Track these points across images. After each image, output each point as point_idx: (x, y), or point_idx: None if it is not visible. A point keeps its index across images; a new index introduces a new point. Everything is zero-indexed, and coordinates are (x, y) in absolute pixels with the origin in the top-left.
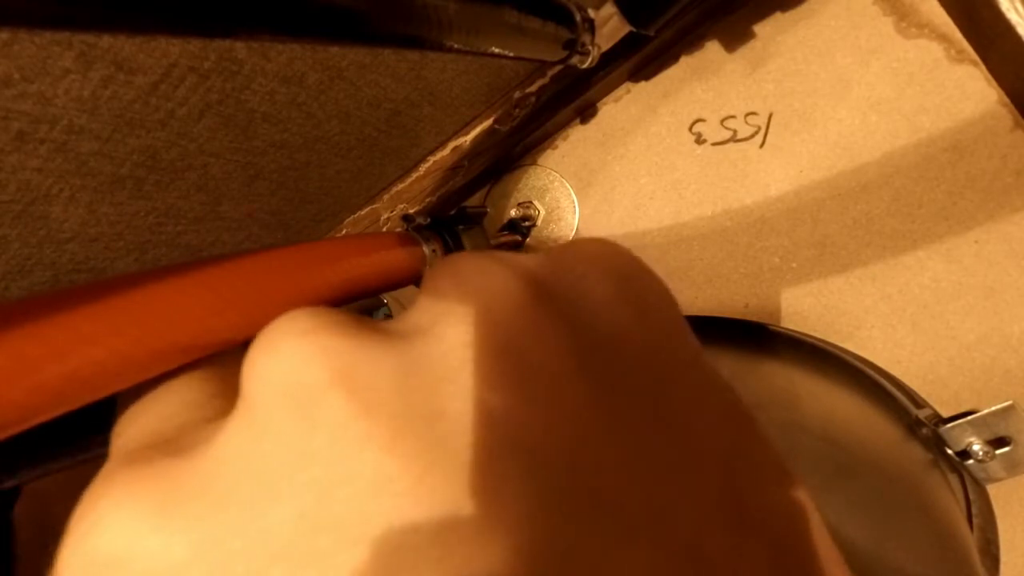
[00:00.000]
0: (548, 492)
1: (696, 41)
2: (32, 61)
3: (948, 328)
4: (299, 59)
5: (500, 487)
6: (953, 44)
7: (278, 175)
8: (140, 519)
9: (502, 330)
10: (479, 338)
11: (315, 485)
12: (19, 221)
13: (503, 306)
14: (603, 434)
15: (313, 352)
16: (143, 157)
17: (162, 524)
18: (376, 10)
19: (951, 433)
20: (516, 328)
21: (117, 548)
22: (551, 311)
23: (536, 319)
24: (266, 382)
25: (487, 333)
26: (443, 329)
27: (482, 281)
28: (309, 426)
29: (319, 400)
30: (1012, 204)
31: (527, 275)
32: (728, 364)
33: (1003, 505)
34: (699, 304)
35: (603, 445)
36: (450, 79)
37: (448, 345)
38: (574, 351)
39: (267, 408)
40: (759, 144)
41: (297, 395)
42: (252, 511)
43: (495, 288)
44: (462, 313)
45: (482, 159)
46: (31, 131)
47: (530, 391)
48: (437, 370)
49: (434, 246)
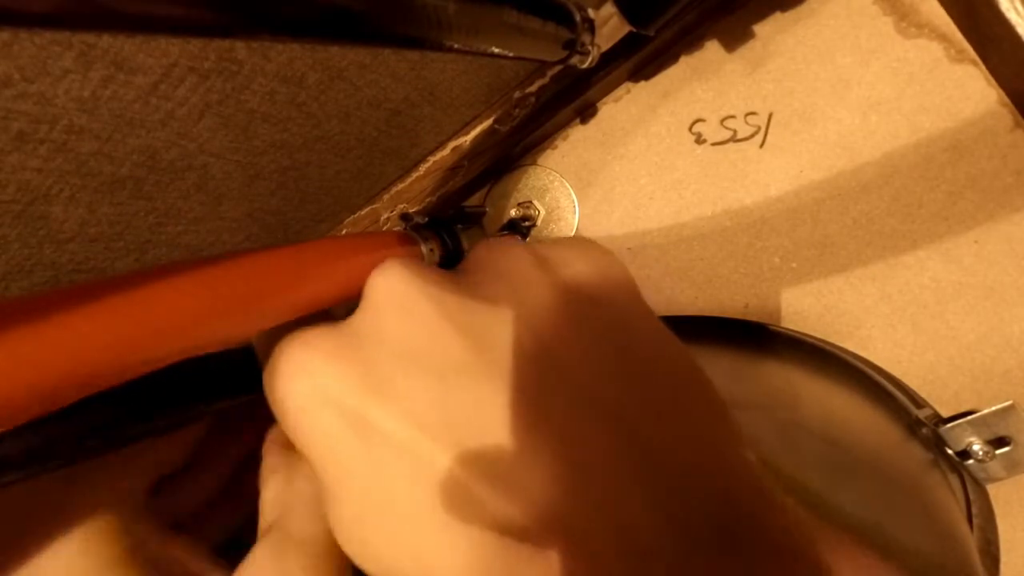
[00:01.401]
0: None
1: (696, 41)
2: (32, 61)
3: (948, 328)
4: (299, 59)
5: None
6: (953, 44)
7: (278, 175)
8: (326, 363)
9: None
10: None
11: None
12: (19, 221)
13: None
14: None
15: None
16: (143, 157)
17: (340, 366)
18: (376, 10)
19: (951, 433)
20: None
21: (315, 379)
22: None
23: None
24: (384, 292)
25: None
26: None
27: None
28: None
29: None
30: (1012, 204)
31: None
32: (728, 364)
33: (1003, 505)
34: (699, 304)
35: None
36: (450, 79)
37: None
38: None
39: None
40: (759, 144)
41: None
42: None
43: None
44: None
45: (482, 159)
46: (31, 131)
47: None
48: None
49: (432, 245)
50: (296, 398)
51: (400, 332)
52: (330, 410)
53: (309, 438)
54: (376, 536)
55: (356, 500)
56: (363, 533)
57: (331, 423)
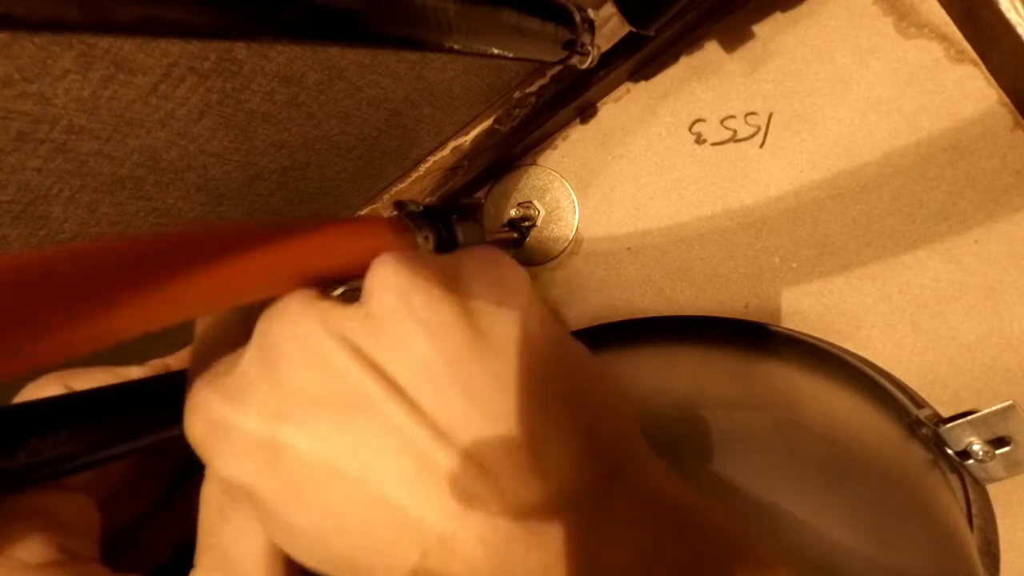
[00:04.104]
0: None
1: (696, 41)
2: (32, 61)
3: (948, 328)
4: (299, 59)
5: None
6: (953, 44)
7: (278, 175)
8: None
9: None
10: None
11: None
12: (19, 221)
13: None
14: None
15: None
16: (143, 157)
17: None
18: (376, 11)
19: (951, 433)
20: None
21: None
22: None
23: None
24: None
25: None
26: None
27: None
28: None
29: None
30: (1012, 204)
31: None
32: (728, 364)
33: (1003, 505)
34: (699, 304)
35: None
36: (450, 79)
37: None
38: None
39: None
40: (759, 144)
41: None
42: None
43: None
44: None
45: (482, 159)
46: (31, 131)
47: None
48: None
49: (427, 233)
50: (205, 438)
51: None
52: (242, 442)
53: (230, 472)
54: (333, 545)
55: (297, 521)
56: (319, 550)
57: (246, 455)
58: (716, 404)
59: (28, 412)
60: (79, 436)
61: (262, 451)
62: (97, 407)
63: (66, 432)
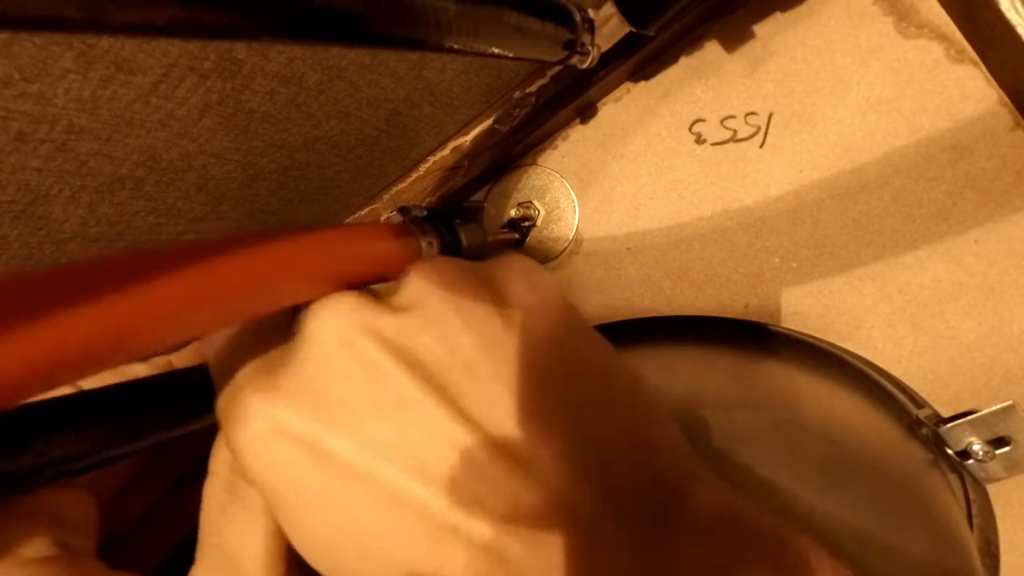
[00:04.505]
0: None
1: (696, 41)
2: (32, 61)
3: (948, 328)
4: (299, 59)
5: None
6: (953, 44)
7: (278, 175)
8: (276, 404)
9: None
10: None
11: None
12: (19, 221)
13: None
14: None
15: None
16: (143, 157)
17: (292, 405)
18: (376, 12)
19: (951, 433)
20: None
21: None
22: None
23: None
24: (327, 328)
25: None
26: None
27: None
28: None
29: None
30: (1012, 204)
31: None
32: (728, 364)
33: (1003, 505)
34: (699, 304)
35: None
36: (450, 79)
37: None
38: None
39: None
40: (759, 144)
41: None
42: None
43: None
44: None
45: (482, 159)
46: (31, 131)
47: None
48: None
49: (430, 239)
50: (252, 441)
51: (345, 372)
52: (284, 443)
53: (265, 474)
54: (347, 557)
55: (320, 526)
56: (334, 558)
57: (287, 455)
58: (716, 404)
59: (33, 413)
60: (84, 436)
61: (304, 449)
62: (102, 406)
63: (71, 432)
